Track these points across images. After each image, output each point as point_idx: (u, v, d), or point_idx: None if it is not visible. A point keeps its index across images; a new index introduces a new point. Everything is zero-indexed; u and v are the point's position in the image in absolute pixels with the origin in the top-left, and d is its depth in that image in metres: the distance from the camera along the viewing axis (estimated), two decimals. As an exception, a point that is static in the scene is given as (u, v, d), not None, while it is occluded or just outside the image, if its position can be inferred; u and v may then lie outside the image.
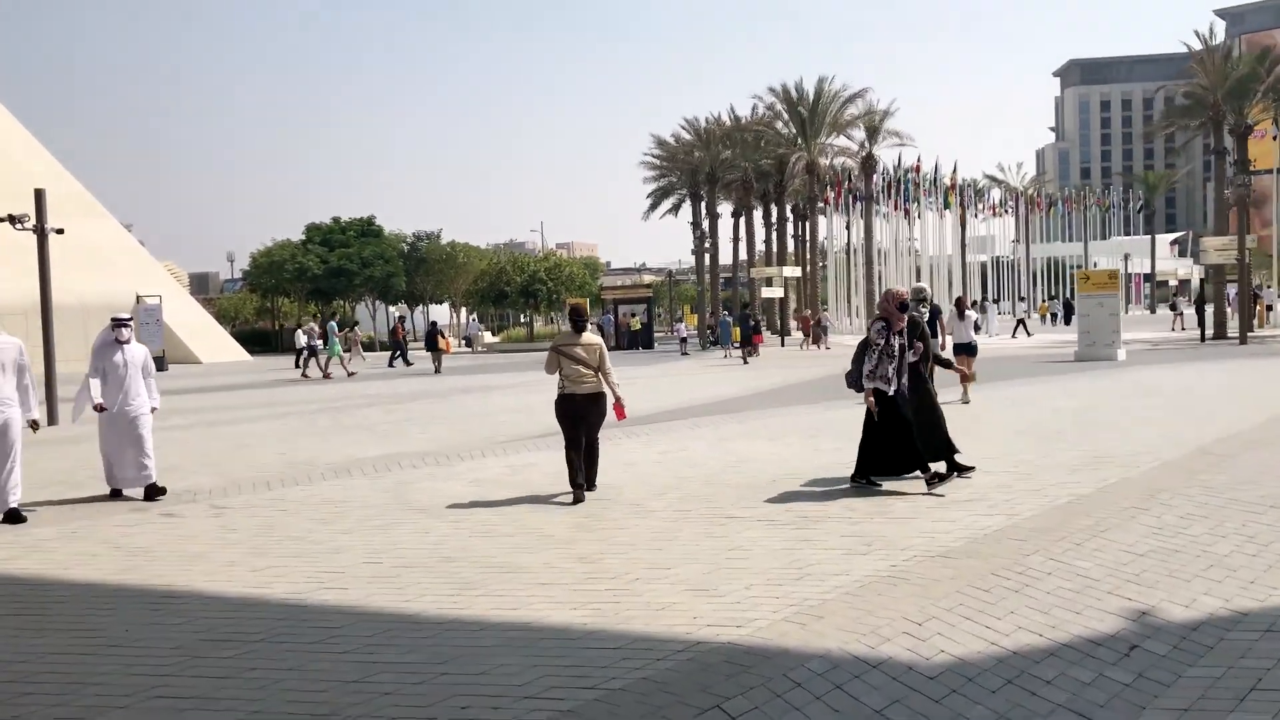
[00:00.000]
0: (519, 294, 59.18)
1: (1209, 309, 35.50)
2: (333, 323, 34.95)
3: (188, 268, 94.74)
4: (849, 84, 54.13)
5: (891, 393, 8.98)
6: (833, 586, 6.07)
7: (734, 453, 11.74)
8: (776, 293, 44.10)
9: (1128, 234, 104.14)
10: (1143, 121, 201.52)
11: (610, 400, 9.60)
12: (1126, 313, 73.60)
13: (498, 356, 45.73)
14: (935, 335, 20.48)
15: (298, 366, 33.58)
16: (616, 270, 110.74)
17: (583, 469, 9.39)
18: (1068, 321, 51.72)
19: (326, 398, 23.03)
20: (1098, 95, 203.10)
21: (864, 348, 9.14)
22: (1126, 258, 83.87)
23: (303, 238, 63.15)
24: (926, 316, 21.06)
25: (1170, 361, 24.69)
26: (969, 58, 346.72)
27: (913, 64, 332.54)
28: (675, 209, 65.13)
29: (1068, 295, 59.13)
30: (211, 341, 49.88)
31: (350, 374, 32.16)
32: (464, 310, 76.07)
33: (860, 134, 50.13)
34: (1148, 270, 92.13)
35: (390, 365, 36.82)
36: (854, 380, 9.29)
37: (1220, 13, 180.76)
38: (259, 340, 62.00)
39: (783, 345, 42.49)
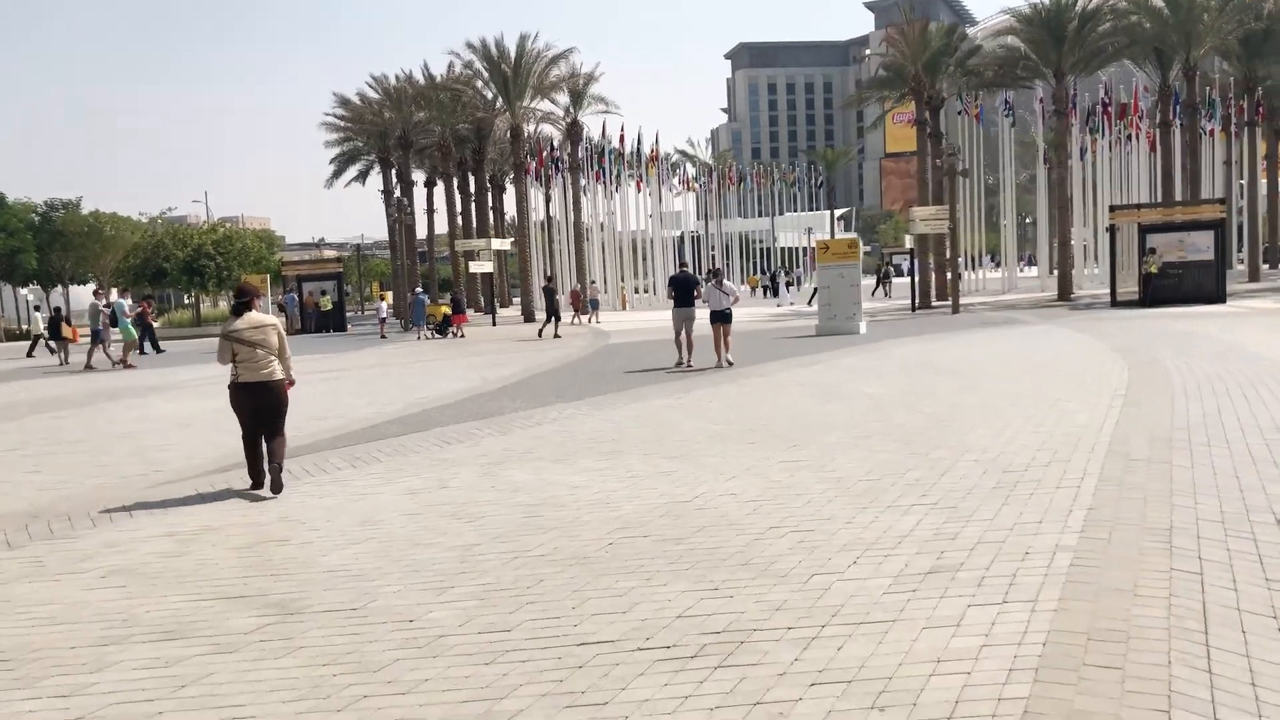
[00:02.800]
0: (181, 271, 51.48)
1: (918, 279, 35.86)
2: (123, 301, 27.96)
3: None
4: (553, 43, 50.93)
5: None
6: None
7: (518, 488, 8.23)
8: (485, 267, 40.38)
9: (800, 211, 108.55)
10: (805, 104, 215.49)
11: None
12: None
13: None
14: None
15: (52, 353, 29.23)
16: (293, 246, 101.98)
17: (265, 461, 8.56)
18: (775, 294, 52.00)
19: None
20: (765, 78, 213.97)
21: None
22: (809, 231, 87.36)
23: (-105, 206, 51.84)
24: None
25: (912, 334, 23.66)
26: (659, 36, 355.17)
27: (602, 39, 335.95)
28: (362, 176, 59.62)
29: (774, 269, 60.08)
30: None
31: (125, 364, 25.89)
32: (115, 291, 66.23)
33: (565, 99, 47.34)
34: (811, 245, 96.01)
35: (143, 352, 30.91)
36: None
37: (868, 5, 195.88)
38: None
39: (494, 325, 38.97)
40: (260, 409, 8.44)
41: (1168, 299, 29.01)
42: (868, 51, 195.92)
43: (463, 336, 33.01)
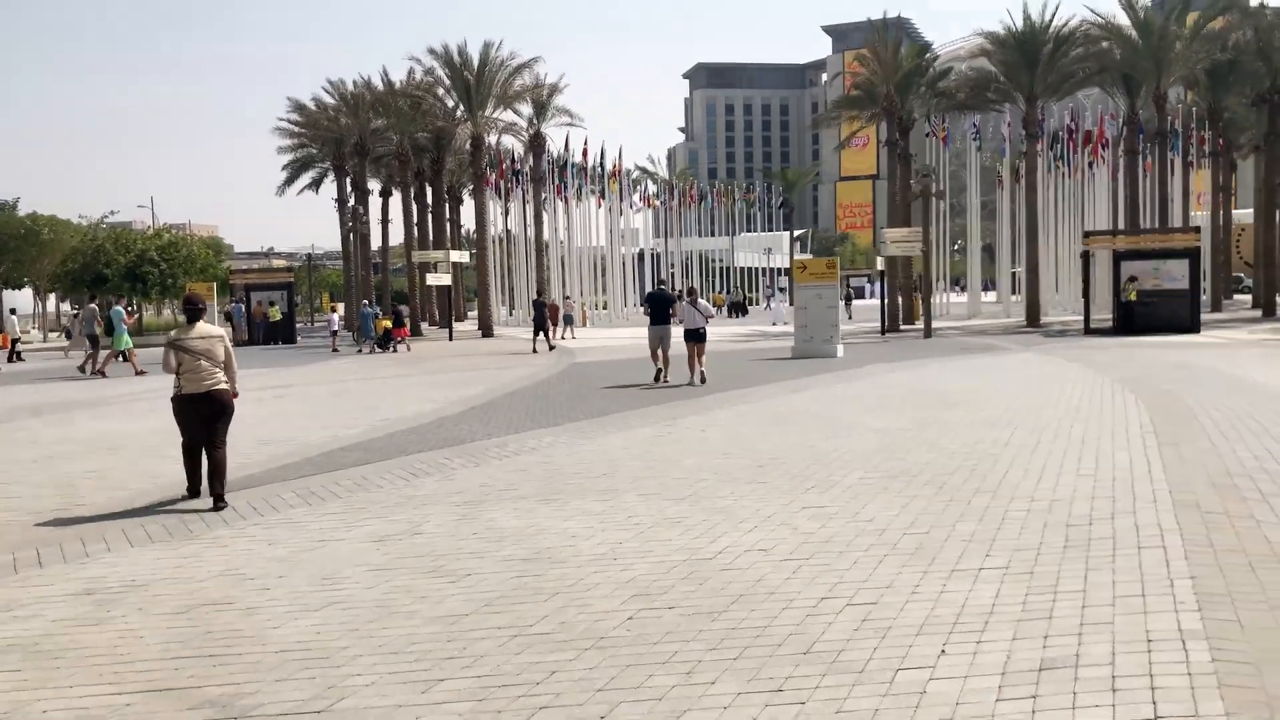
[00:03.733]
0: (122, 277, 49.27)
1: (888, 302, 35.16)
2: (119, 307, 27.07)
3: None
4: (517, 51, 49.64)
5: None
6: None
7: (504, 536, 7.04)
8: (443, 280, 39.00)
9: (756, 231, 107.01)
10: (762, 125, 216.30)
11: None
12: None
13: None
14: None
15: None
16: (241, 254, 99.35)
17: (200, 469, 8.53)
18: (743, 314, 51.41)
19: None
20: (723, 99, 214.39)
21: None
22: (769, 252, 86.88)
23: None
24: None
25: (892, 358, 22.77)
26: (617, 53, 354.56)
27: (558, 54, 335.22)
28: (316, 184, 58.11)
29: (740, 291, 60.05)
30: None
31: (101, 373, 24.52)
32: (53, 296, 63.70)
33: (528, 109, 46.16)
34: (777, 265, 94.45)
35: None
36: None
37: (827, 29, 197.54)
38: None
39: (450, 340, 37.60)
40: (204, 420, 8.43)
41: (1142, 327, 28.50)
42: (825, 76, 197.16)
43: (409, 350, 31.93)
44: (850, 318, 48.44)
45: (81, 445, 12.44)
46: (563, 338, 34.43)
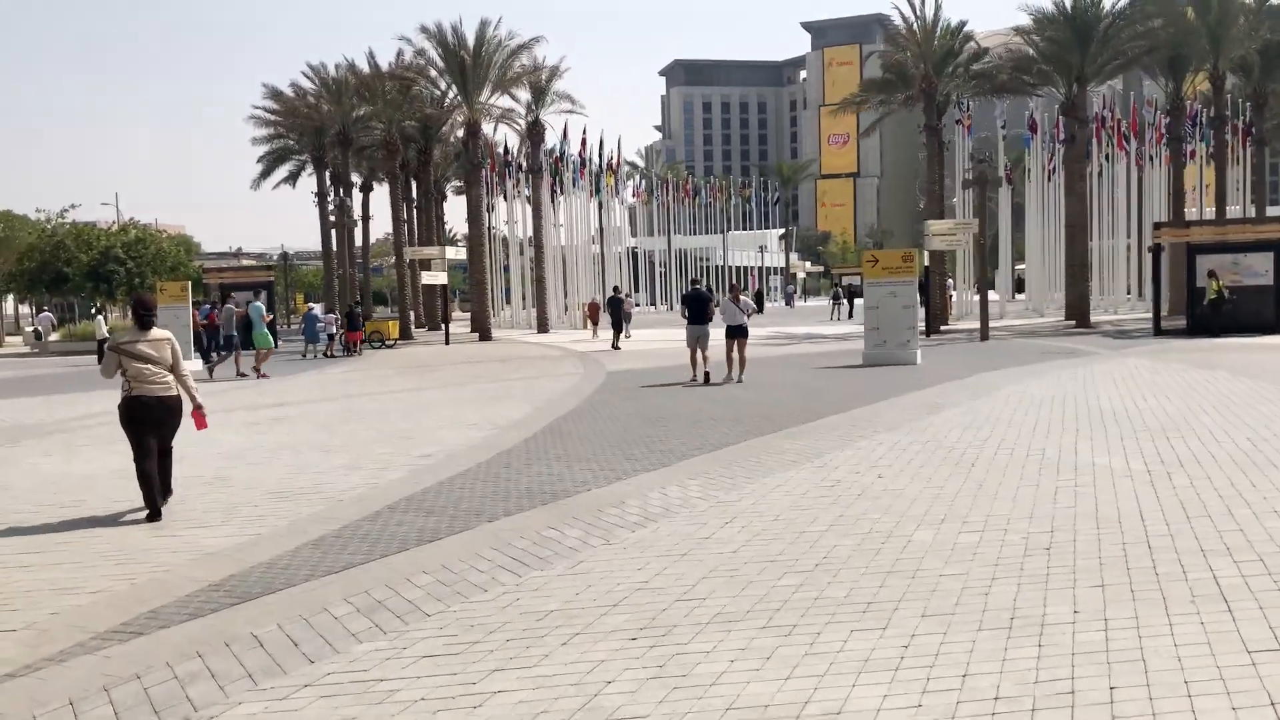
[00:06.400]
0: (85, 277, 45.51)
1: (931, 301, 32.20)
2: (258, 303, 25.52)
3: None
4: (516, 31, 46.01)
5: None
6: None
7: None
8: (438, 278, 35.68)
9: (739, 229, 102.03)
10: (740, 123, 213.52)
11: (189, 406, 8.30)
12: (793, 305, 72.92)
13: (55, 362, 33.19)
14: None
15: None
16: (210, 254, 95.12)
17: (158, 482, 8.03)
18: (759, 310, 48.58)
19: None
20: (700, 96, 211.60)
21: None
22: (762, 250, 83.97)
23: None
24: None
25: (990, 366, 19.67)
26: (592, 50, 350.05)
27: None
28: (293, 178, 54.42)
29: (758, 287, 57.68)
30: None
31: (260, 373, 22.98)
32: (11, 297, 59.57)
33: (525, 95, 42.76)
34: (764, 264, 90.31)
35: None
36: None
37: (805, 25, 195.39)
38: None
39: (447, 344, 34.25)
40: (155, 422, 8.05)
41: (1221, 327, 25.64)
42: (804, 73, 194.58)
43: (359, 354, 30.72)
44: (851, 316, 45.71)
45: (23, 499, 9.10)
46: (626, 336, 31.65)
